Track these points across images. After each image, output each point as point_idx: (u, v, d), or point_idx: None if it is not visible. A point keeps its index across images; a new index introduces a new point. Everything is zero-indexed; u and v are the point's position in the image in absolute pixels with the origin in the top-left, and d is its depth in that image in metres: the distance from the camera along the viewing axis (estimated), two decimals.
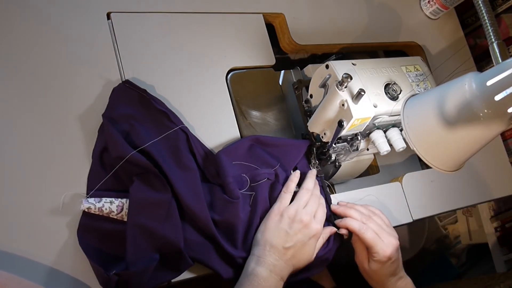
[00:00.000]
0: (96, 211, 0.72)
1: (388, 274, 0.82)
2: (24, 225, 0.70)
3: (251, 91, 0.91)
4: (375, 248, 0.80)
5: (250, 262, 0.75)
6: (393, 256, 0.80)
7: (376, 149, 0.88)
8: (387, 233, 0.81)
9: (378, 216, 0.84)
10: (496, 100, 0.62)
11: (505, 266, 1.33)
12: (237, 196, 0.77)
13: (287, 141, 0.88)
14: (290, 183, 0.83)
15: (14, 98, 0.74)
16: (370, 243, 0.80)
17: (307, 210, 0.80)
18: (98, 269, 0.69)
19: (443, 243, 1.55)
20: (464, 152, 0.71)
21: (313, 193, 0.83)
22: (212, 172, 0.80)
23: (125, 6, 0.84)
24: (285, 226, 0.77)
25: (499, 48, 0.68)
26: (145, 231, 0.72)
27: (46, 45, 0.78)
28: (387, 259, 0.80)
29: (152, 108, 0.79)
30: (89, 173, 0.75)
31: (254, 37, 0.94)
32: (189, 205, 0.74)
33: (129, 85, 0.79)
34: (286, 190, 0.82)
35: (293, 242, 0.77)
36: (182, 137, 0.79)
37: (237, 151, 0.83)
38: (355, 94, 0.78)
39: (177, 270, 0.74)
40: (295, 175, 0.84)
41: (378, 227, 0.82)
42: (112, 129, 0.75)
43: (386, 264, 0.81)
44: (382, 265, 0.81)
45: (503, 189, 1.09)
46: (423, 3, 1.13)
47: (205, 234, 0.76)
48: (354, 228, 0.81)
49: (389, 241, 0.81)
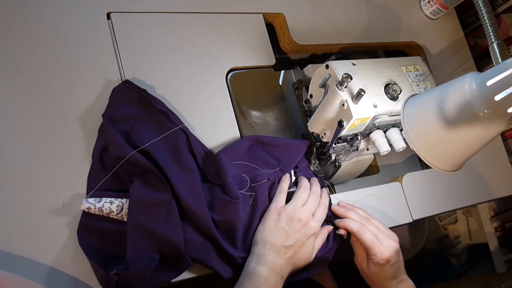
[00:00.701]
0: (96, 211, 0.72)
1: (388, 277, 0.82)
2: (24, 225, 0.70)
3: (251, 91, 0.91)
4: (373, 250, 0.79)
5: (250, 261, 0.75)
6: (392, 258, 0.80)
7: (376, 149, 0.88)
8: (386, 236, 0.81)
9: (377, 220, 0.84)
10: (496, 100, 0.62)
11: (505, 266, 1.33)
12: (237, 196, 0.77)
13: (287, 141, 0.88)
14: (282, 184, 0.83)
15: (14, 98, 0.74)
16: (368, 244, 0.80)
17: (306, 208, 0.80)
18: (98, 269, 0.69)
19: (443, 243, 1.55)
20: (464, 152, 0.71)
21: (313, 191, 0.83)
22: (212, 172, 0.80)
23: (125, 6, 0.84)
24: (284, 224, 0.77)
25: (499, 48, 0.68)
26: (145, 231, 0.72)
27: (46, 45, 0.78)
28: (386, 262, 0.80)
29: (152, 108, 0.79)
30: (89, 173, 0.75)
31: (254, 37, 0.94)
32: (189, 205, 0.74)
33: (129, 85, 0.79)
34: (280, 190, 0.82)
35: (293, 241, 0.77)
36: (182, 137, 0.79)
37: (237, 151, 0.83)
38: (355, 94, 0.78)
39: (177, 270, 0.74)
40: (287, 177, 0.85)
41: (377, 230, 0.82)
42: (112, 129, 0.75)
43: (385, 266, 0.80)
44: (381, 267, 0.80)
45: (503, 189, 1.09)
46: (423, 3, 1.13)
47: (205, 234, 0.76)
48: (352, 228, 0.81)
49: (388, 244, 0.80)
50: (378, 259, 0.79)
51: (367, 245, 0.80)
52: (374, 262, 0.80)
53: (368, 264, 0.82)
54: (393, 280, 0.82)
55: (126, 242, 0.71)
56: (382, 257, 0.79)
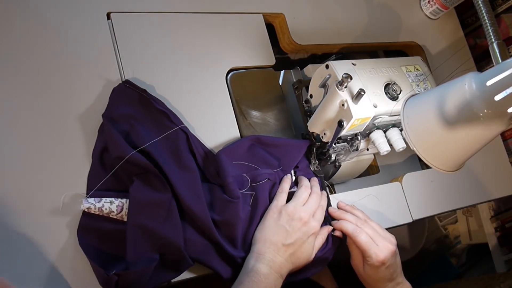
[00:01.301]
0: (96, 211, 0.72)
1: (384, 279, 0.81)
2: (24, 225, 0.70)
3: (251, 91, 0.91)
4: (368, 252, 0.79)
5: (249, 259, 0.75)
6: (388, 261, 0.79)
7: (376, 149, 0.88)
8: (382, 238, 0.81)
9: (374, 222, 0.84)
10: (496, 100, 0.62)
11: (505, 266, 1.33)
12: (237, 196, 0.77)
13: (287, 141, 0.88)
14: (284, 184, 0.83)
15: (14, 98, 0.74)
16: (363, 246, 0.79)
17: (306, 207, 0.80)
18: (98, 269, 0.69)
19: (443, 243, 1.55)
20: (464, 152, 0.71)
21: (313, 190, 0.83)
22: (212, 172, 0.80)
23: (125, 6, 0.84)
24: (284, 223, 0.77)
25: (499, 48, 0.68)
26: (145, 231, 0.72)
27: (46, 45, 0.78)
28: (381, 264, 0.79)
29: (152, 108, 0.79)
30: (89, 173, 0.75)
31: (254, 37, 0.94)
32: (189, 205, 0.74)
33: (129, 85, 0.79)
34: (281, 190, 0.82)
35: (293, 240, 0.77)
36: (182, 137, 0.79)
37: (237, 151, 0.83)
38: (355, 94, 0.78)
39: (177, 270, 0.74)
40: (288, 177, 0.85)
41: (373, 231, 0.81)
42: (112, 129, 0.75)
43: (381, 268, 0.80)
44: (376, 269, 0.80)
45: (503, 189, 1.09)
46: (423, 3, 1.13)
47: (205, 234, 0.76)
48: (347, 230, 0.81)
49: (384, 246, 0.80)
50: (373, 261, 0.79)
51: (362, 247, 0.80)
52: (370, 264, 0.80)
53: (364, 266, 0.82)
54: (389, 282, 0.82)
55: (126, 242, 0.71)
56: (377, 259, 0.79)
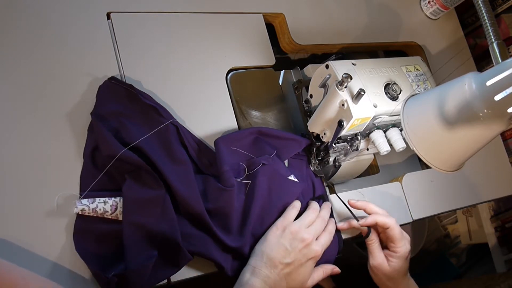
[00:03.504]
0: (91, 212, 0.71)
1: (405, 271, 0.82)
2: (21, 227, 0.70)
3: (251, 91, 0.91)
4: (401, 242, 0.80)
5: (245, 272, 0.75)
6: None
7: (376, 149, 0.88)
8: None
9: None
10: (496, 100, 0.62)
11: (505, 266, 1.33)
12: (232, 184, 0.77)
13: (289, 135, 0.88)
14: (296, 202, 0.82)
15: (14, 98, 0.74)
16: (399, 236, 0.80)
17: (310, 229, 0.79)
18: (97, 273, 0.69)
19: (443, 243, 1.55)
20: (464, 152, 0.71)
21: (320, 215, 0.82)
22: (205, 163, 0.80)
23: (125, 6, 0.84)
24: (286, 241, 0.76)
25: (499, 48, 0.68)
26: (141, 229, 0.72)
27: (46, 45, 0.78)
28: (408, 254, 0.80)
29: (140, 103, 0.78)
30: (82, 173, 0.74)
31: (254, 37, 0.94)
32: (182, 196, 0.74)
33: (115, 81, 0.78)
34: (292, 205, 0.81)
35: (291, 260, 0.75)
36: (172, 130, 0.78)
37: (237, 141, 0.83)
38: (355, 94, 0.78)
39: (177, 265, 0.74)
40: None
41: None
42: (101, 127, 0.74)
43: (407, 259, 0.81)
44: (404, 261, 0.81)
45: (503, 189, 1.09)
46: (423, 4, 1.13)
47: (201, 226, 0.76)
48: (386, 222, 0.81)
49: (406, 235, 0.81)
50: (403, 252, 0.80)
51: (397, 238, 0.80)
52: (399, 256, 0.80)
53: (388, 262, 0.82)
54: (405, 275, 0.83)
55: (123, 241, 0.71)
56: (406, 250, 0.80)
